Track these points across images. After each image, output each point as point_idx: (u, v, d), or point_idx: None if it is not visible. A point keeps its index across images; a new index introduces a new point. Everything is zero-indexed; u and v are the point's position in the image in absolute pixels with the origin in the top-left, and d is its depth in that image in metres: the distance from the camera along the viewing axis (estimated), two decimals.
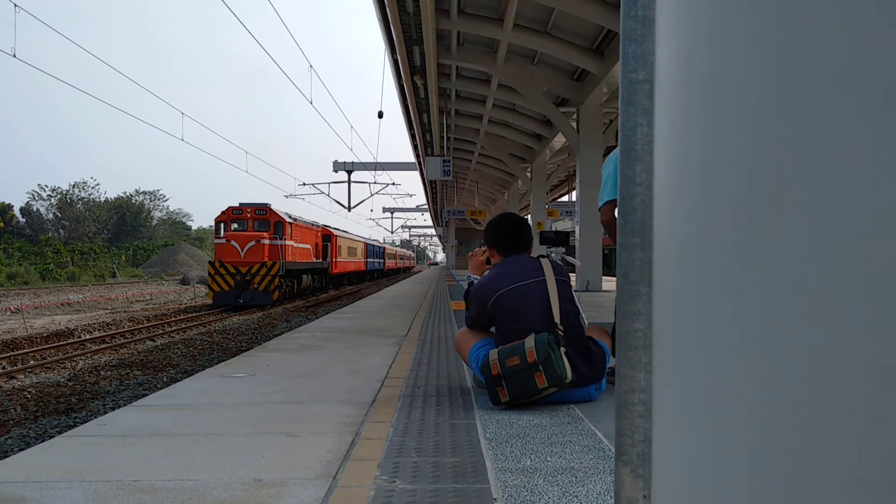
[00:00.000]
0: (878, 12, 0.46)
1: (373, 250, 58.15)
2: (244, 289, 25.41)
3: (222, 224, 27.87)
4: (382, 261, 66.62)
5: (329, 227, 39.45)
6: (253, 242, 26.03)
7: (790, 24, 0.54)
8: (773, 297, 0.56)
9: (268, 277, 25.60)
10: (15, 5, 16.08)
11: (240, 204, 27.96)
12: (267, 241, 26.25)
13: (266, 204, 27.88)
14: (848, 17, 0.49)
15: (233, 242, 26.16)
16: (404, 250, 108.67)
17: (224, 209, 27.99)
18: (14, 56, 16.42)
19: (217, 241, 26.89)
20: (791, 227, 0.54)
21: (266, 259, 25.89)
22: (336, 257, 39.27)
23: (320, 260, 35.25)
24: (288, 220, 28.21)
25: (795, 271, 0.54)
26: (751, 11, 0.58)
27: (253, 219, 27.77)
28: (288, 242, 27.88)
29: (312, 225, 34.08)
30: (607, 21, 12.01)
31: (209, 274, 26.19)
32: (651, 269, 0.85)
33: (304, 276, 30.82)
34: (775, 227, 0.56)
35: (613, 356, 4.29)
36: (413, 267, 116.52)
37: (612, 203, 4.76)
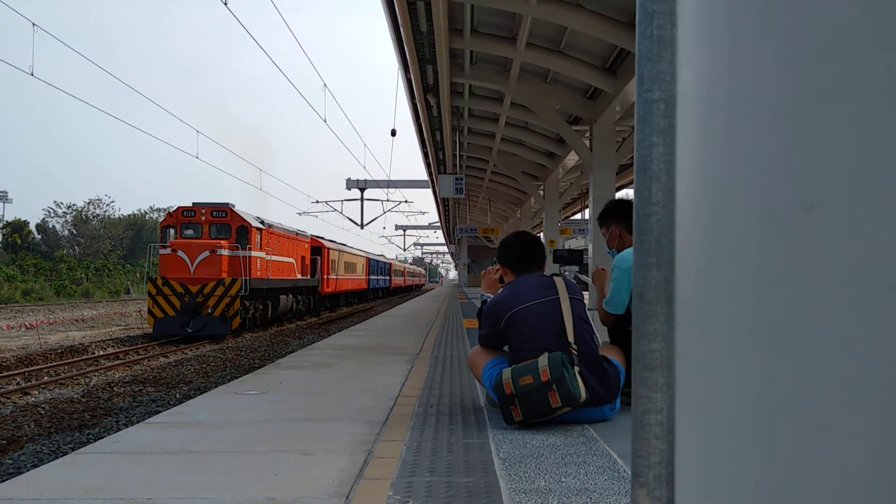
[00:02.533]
0: None
1: (376, 266, 52.67)
2: (193, 314, 19.80)
3: (170, 230, 21.83)
4: (388, 278, 60.94)
5: (321, 238, 33.89)
6: (206, 253, 20.26)
7: (812, 50, 0.54)
8: (798, 322, 0.56)
9: (225, 299, 19.99)
10: (33, 24, 16.28)
11: (193, 203, 21.84)
12: (225, 252, 20.60)
13: (227, 204, 21.85)
14: (874, 43, 0.49)
15: (180, 253, 20.29)
16: (414, 266, 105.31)
17: (173, 210, 22.12)
18: (32, 74, 16.60)
19: (162, 251, 21.05)
20: (818, 251, 0.54)
21: (224, 275, 20.33)
22: (328, 273, 33.27)
23: (308, 277, 29.33)
24: (256, 225, 22.26)
25: (822, 295, 0.53)
26: (772, 36, 0.58)
27: (209, 222, 21.59)
28: (256, 254, 21.92)
29: (297, 234, 28.34)
30: (620, 40, 12.03)
31: (148, 294, 20.28)
32: (667, 288, 0.85)
33: (283, 297, 25.13)
34: (801, 251, 0.55)
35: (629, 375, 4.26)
36: (424, 284, 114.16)
37: (616, 315, 4.64)
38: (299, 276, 27.89)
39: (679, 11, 0.81)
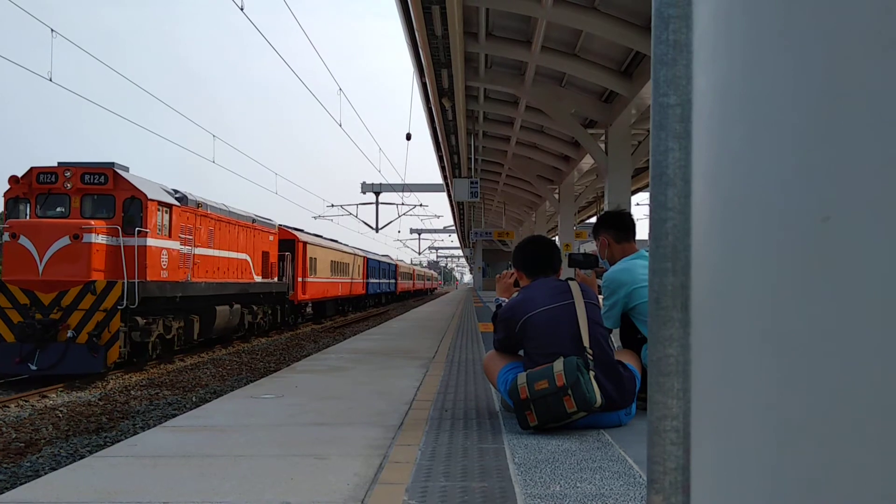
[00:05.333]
0: None
1: (377, 267, 46.15)
2: (41, 340, 12.51)
3: (21, 205, 14.09)
4: (393, 281, 53.93)
5: (297, 229, 27.24)
6: (64, 240, 12.92)
7: (831, 56, 0.54)
8: (814, 330, 0.55)
9: (96, 315, 12.75)
10: (52, 30, 16.43)
11: (58, 164, 14.28)
12: (100, 238, 13.18)
13: (110, 164, 14.20)
14: (891, 50, 0.48)
15: (22, 240, 12.94)
16: (425, 269, 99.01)
17: (23, 172, 14.16)
18: (50, 80, 16.74)
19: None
20: (834, 260, 0.53)
21: (95, 275, 13.01)
22: (305, 275, 26.20)
23: (274, 279, 22.51)
24: (162, 198, 14.76)
25: (837, 304, 0.53)
26: (790, 42, 0.58)
27: (79, 192, 13.91)
28: (159, 243, 14.52)
29: (255, 222, 21.18)
30: (636, 43, 12.01)
31: None
32: (683, 294, 0.84)
33: (223, 308, 17.50)
34: (818, 260, 0.55)
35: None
36: (436, 288, 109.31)
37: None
38: (258, 279, 20.95)
39: (695, 16, 0.81)
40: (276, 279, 22.94)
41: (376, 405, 4.87)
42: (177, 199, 15.79)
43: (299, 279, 25.59)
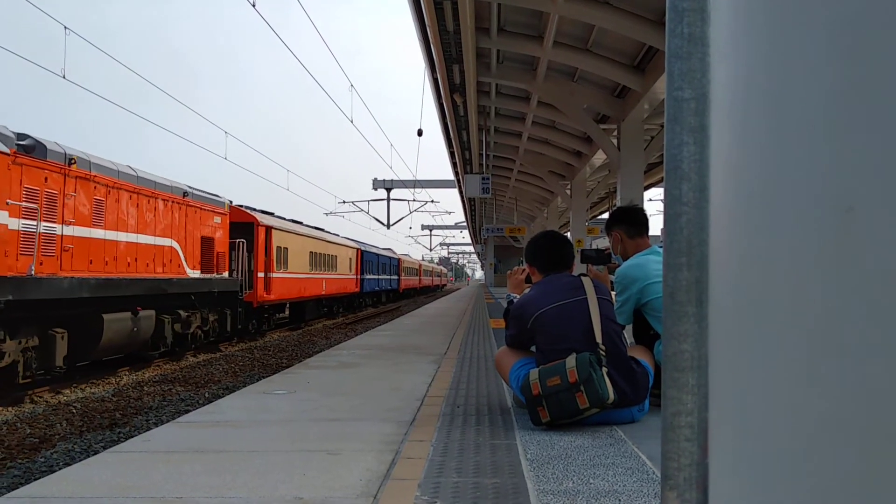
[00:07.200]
0: None
1: (376, 262, 40.81)
2: None
3: None
4: (395, 277, 49.03)
5: (262, 212, 22.07)
6: None
7: (854, 48, 0.53)
8: (838, 325, 0.55)
9: None
10: (65, 27, 16.50)
11: None
12: None
13: None
14: None
15: None
16: (433, 265, 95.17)
17: None
18: (63, 77, 16.82)
19: None
20: (859, 252, 0.52)
21: None
22: (270, 269, 20.80)
23: (223, 274, 17.43)
24: None
25: (860, 299, 0.52)
26: (813, 34, 0.57)
27: None
28: None
29: (185, 195, 15.70)
30: (649, 38, 11.95)
31: None
32: (698, 289, 0.84)
33: (120, 315, 12.20)
34: (842, 251, 0.54)
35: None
36: (446, 285, 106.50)
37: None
38: (193, 273, 15.78)
39: (712, 7, 0.80)
40: (226, 273, 17.66)
41: (388, 401, 4.87)
42: (22, 145, 9.99)
43: (260, 274, 20.12)
